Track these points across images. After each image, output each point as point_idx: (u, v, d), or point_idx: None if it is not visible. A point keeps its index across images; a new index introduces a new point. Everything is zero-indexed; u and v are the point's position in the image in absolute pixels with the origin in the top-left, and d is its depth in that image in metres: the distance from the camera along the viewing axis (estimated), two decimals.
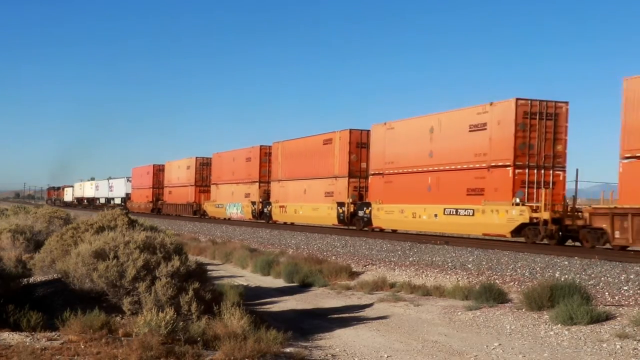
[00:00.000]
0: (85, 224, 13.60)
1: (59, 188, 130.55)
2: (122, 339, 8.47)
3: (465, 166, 26.48)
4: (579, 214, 23.20)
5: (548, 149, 24.66)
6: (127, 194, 79.19)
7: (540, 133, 24.46)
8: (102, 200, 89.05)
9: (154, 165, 69.44)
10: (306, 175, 38.86)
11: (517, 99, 24.49)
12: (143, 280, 10.05)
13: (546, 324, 11.14)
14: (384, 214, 31.27)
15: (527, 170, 24.35)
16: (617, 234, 20.44)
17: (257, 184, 46.25)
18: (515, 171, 24.30)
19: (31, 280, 12.67)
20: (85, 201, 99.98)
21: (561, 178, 24.93)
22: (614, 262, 17.15)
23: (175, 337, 8.54)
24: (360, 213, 33.31)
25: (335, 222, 35.68)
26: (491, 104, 25.56)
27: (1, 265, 12.06)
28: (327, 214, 36.26)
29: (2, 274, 10.43)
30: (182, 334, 8.63)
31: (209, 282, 11.40)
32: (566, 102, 25.14)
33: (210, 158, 56.11)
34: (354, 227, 34.32)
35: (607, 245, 21.24)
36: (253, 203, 46.20)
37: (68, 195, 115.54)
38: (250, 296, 14.48)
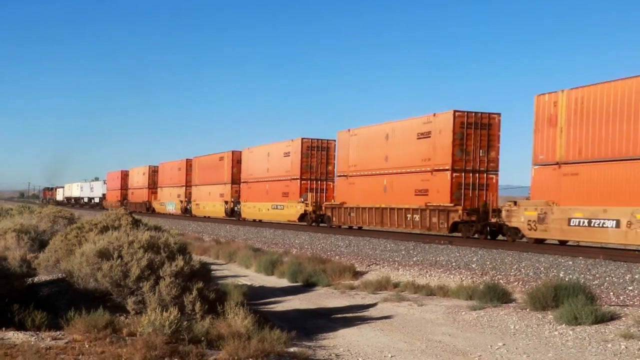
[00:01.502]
0: (89, 223, 13.61)
1: (52, 188, 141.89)
2: (126, 338, 8.48)
3: (282, 178, 42.28)
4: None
5: (323, 169, 39.93)
6: (104, 194, 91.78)
7: (317, 160, 39.96)
8: (85, 200, 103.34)
9: (122, 171, 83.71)
10: (210, 181, 54.74)
11: (301, 140, 40.11)
12: (147, 279, 10.06)
13: (550, 324, 11.12)
14: (246, 209, 48.35)
15: (309, 182, 39.69)
16: (334, 219, 36.03)
17: (185, 187, 61.72)
18: (302, 182, 39.79)
19: (36, 279, 12.68)
20: (73, 200, 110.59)
21: (332, 186, 39.31)
22: (619, 262, 17.13)
23: (179, 336, 8.54)
24: (236, 208, 49.68)
25: (224, 215, 51.46)
26: (292, 141, 41.40)
27: (6, 265, 12.10)
28: (220, 209, 52.56)
29: (7, 273, 10.46)
30: (186, 333, 8.63)
31: (213, 282, 11.42)
32: (333, 140, 39.17)
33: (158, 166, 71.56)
34: (234, 218, 49.35)
35: (333, 225, 35.83)
36: (181, 202, 61.95)
37: (59, 195, 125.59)
38: (253, 296, 14.49)
